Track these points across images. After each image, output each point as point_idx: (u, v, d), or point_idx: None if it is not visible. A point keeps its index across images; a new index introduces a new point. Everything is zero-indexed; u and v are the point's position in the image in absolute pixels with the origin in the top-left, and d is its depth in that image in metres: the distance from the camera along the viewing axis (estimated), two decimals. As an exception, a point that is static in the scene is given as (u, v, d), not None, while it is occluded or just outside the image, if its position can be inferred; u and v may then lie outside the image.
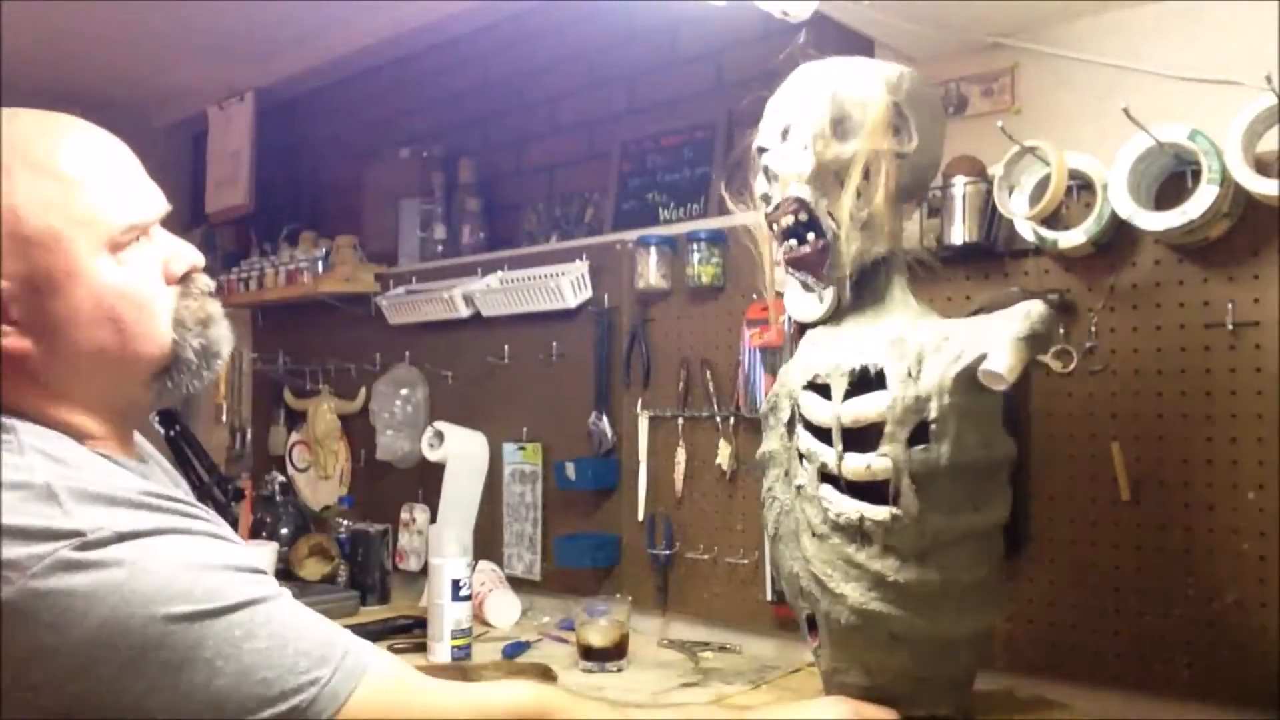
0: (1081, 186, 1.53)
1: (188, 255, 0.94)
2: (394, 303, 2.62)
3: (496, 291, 2.37)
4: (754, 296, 1.96)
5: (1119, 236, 1.52)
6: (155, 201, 0.93)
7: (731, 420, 1.97)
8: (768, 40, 2.10)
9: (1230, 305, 1.42)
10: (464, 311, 2.45)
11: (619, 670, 1.80)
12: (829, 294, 1.80)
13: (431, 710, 0.91)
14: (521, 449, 2.38)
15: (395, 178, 2.79)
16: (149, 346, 0.91)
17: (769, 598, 1.89)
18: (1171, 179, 1.47)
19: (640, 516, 2.12)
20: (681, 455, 2.06)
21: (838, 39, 1.61)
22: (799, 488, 1.27)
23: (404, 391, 2.62)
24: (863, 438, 1.23)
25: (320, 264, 2.76)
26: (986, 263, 1.64)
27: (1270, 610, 1.39)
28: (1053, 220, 1.53)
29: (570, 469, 2.18)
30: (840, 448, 1.23)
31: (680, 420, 2.07)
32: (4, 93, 3.05)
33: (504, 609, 2.20)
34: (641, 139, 2.35)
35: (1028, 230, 1.54)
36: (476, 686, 1.05)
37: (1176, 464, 1.47)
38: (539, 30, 2.59)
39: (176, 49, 2.98)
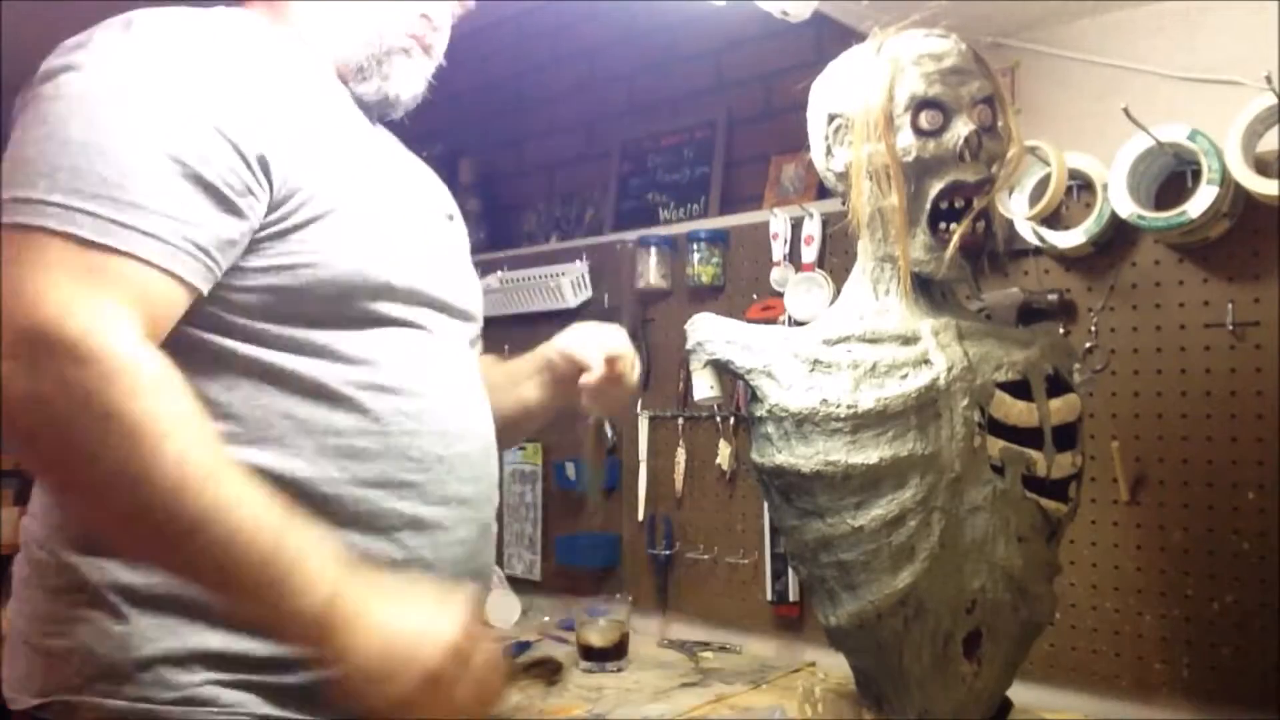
0: (1081, 186, 1.53)
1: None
2: (394, 303, 2.61)
3: (496, 291, 2.37)
4: (754, 296, 1.96)
5: (1119, 236, 1.52)
6: None
7: (731, 420, 1.98)
8: (768, 40, 2.10)
9: (1230, 305, 1.43)
10: (464, 311, 2.45)
11: (619, 670, 1.80)
12: (828, 293, 1.81)
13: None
14: (521, 449, 2.37)
15: (395, 178, 2.78)
16: None
17: (769, 598, 1.89)
18: (1171, 179, 1.47)
19: (640, 516, 2.12)
20: (681, 455, 2.06)
21: (837, 39, 1.61)
22: (1003, 492, 1.13)
23: (404, 391, 2.62)
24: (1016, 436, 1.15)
25: (320, 264, 2.75)
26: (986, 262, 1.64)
27: (1270, 610, 1.39)
28: (1053, 220, 1.54)
29: (570, 469, 2.18)
30: (1054, 448, 1.14)
31: (680, 420, 2.07)
32: (4, 93, 3.05)
33: (504, 609, 2.19)
34: (641, 139, 2.35)
35: (1028, 230, 1.54)
36: None
37: (1176, 464, 1.47)
38: (539, 30, 2.59)
39: (177, 49, 2.97)
